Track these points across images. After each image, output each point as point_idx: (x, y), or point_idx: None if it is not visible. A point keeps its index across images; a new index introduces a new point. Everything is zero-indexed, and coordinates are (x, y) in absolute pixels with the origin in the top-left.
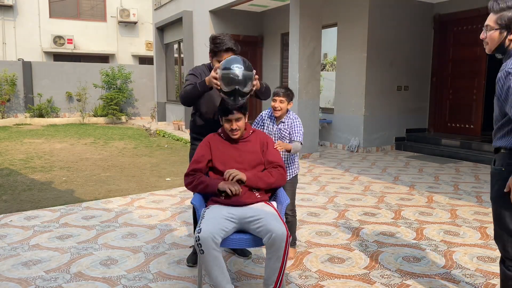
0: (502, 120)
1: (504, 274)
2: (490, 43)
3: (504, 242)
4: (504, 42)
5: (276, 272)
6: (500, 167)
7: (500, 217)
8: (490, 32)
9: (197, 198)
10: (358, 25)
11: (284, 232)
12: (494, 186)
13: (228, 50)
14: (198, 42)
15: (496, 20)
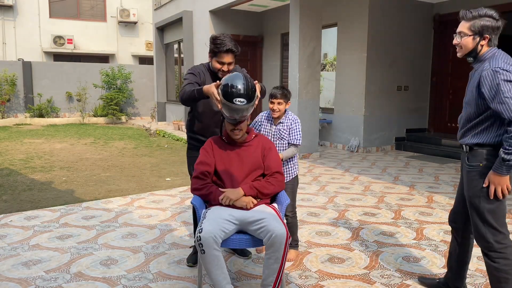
0: (478, 118)
1: (492, 266)
2: (464, 48)
3: (486, 235)
4: (477, 47)
5: (274, 273)
6: (478, 163)
7: (481, 212)
8: (464, 38)
9: (197, 198)
10: (358, 25)
11: (284, 233)
12: (473, 182)
13: (228, 52)
14: (198, 42)
15: (470, 27)
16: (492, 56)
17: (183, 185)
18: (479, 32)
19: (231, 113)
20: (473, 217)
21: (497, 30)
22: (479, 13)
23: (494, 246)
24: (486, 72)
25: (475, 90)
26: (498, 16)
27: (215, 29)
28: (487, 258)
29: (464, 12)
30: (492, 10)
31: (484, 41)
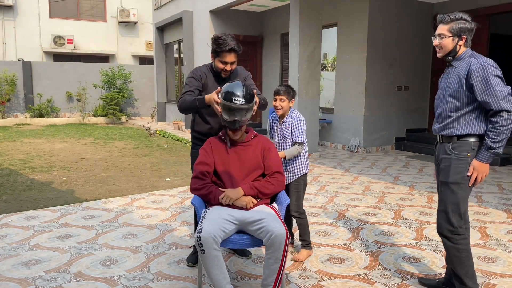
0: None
1: (454, 248)
2: (444, 49)
3: (452, 220)
4: (455, 48)
5: (274, 273)
6: (465, 153)
7: (456, 199)
8: (444, 39)
9: (197, 198)
10: (358, 25)
11: (283, 233)
12: (456, 169)
13: (231, 51)
14: (198, 42)
15: (449, 29)
16: (472, 54)
17: (183, 185)
18: (457, 33)
19: (230, 113)
20: (445, 203)
21: (472, 31)
22: (456, 16)
23: (458, 230)
24: (476, 67)
25: (464, 84)
26: (471, 19)
27: (215, 29)
28: (450, 241)
29: (442, 16)
30: (466, 14)
31: (462, 42)
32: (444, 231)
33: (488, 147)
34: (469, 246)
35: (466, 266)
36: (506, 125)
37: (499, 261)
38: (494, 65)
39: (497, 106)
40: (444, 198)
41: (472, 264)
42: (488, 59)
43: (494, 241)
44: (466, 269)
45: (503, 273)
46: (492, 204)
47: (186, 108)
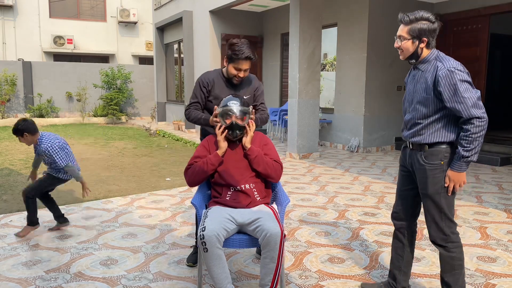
0: (433, 117)
1: (449, 256)
2: (405, 51)
3: (444, 229)
4: (417, 50)
5: (271, 273)
6: (438, 161)
7: (441, 208)
8: (403, 41)
9: (197, 198)
10: (358, 25)
11: (278, 232)
12: (434, 180)
13: (247, 59)
14: (198, 42)
15: (408, 31)
16: (438, 57)
17: (183, 185)
18: (417, 35)
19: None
20: (431, 213)
21: (434, 32)
22: (416, 16)
23: (451, 237)
24: (442, 72)
25: (431, 91)
26: (434, 19)
27: (215, 29)
28: (444, 250)
29: (402, 16)
30: (429, 13)
31: (423, 44)
32: (437, 240)
33: (460, 156)
34: (463, 255)
35: (457, 274)
36: (478, 132)
37: (499, 261)
38: (462, 69)
39: (468, 113)
40: (429, 209)
41: (463, 273)
42: (455, 63)
43: (494, 241)
44: (457, 277)
45: (503, 273)
46: (492, 204)
47: (194, 122)
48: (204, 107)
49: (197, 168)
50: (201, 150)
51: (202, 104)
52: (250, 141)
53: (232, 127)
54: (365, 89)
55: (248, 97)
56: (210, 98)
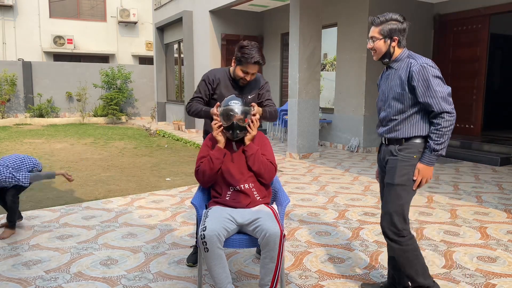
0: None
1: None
2: (378, 51)
3: (396, 222)
4: (389, 49)
5: (271, 273)
6: (412, 155)
7: (401, 202)
8: (376, 41)
9: (197, 198)
10: (358, 25)
11: (277, 232)
12: (402, 171)
13: (256, 64)
14: (198, 42)
15: (380, 32)
16: (410, 55)
17: (183, 185)
18: (388, 35)
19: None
20: (389, 205)
21: (404, 31)
22: (386, 18)
23: (402, 232)
24: (416, 68)
25: (406, 86)
26: (403, 19)
27: (215, 29)
28: (395, 244)
29: (373, 18)
30: (397, 14)
31: (394, 43)
32: (389, 234)
33: (431, 149)
34: (416, 244)
35: (415, 264)
36: (447, 126)
37: (499, 261)
38: (433, 65)
39: (438, 107)
40: (388, 200)
41: (422, 262)
42: (427, 59)
43: (494, 241)
44: (415, 267)
45: (503, 273)
46: (492, 204)
47: (194, 114)
48: (206, 103)
49: (205, 167)
50: (204, 149)
51: (205, 100)
52: (251, 139)
53: (232, 127)
54: (365, 89)
55: (252, 96)
56: (215, 96)
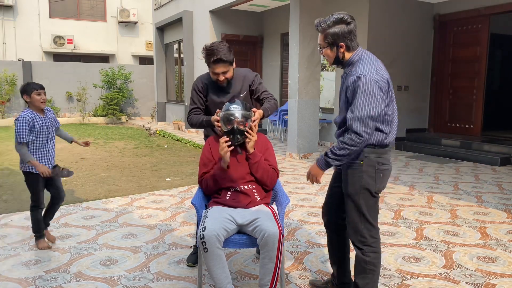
0: None
1: (363, 260)
2: (328, 59)
3: (362, 231)
4: (338, 55)
5: (270, 273)
6: (359, 161)
7: (360, 208)
8: (323, 49)
9: (197, 198)
10: (358, 25)
11: (276, 232)
12: (353, 179)
13: (218, 62)
14: (198, 42)
15: (324, 39)
16: (358, 60)
17: (183, 185)
18: (332, 42)
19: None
20: (351, 213)
21: (350, 34)
22: (328, 23)
23: (368, 240)
24: (351, 79)
25: (344, 95)
26: (350, 19)
27: (215, 29)
28: (360, 252)
29: (317, 24)
30: (342, 13)
31: (342, 49)
32: (355, 241)
33: (325, 153)
34: (377, 261)
35: (368, 279)
36: (350, 145)
37: (499, 261)
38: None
39: (350, 124)
40: (348, 210)
41: (375, 280)
42: (368, 70)
43: (494, 241)
44: (366, 281)
45: (503, 273)
46: (492, 204)
47: (197, 126)
48: (205, 111)
49: (209, 183)
50: (205, 157)
51: (202, 108)
52: (253, 145)
53: (233, 132)
54: None
55: (245, 94)
56: (207, 103)
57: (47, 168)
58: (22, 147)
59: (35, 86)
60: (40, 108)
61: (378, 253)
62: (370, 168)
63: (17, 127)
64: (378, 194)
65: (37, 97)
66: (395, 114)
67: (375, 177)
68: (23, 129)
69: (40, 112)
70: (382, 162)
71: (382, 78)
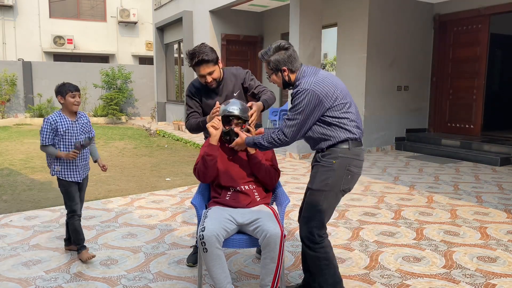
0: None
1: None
2: (277, 84)
3: (312, 228)
4: (284, 80)
5: (271, 273)
6: (331, 160)
7: (319, 207)
8: (271, 76)
9: (197, 198)
10: (358, 25)
11: (278, 232)
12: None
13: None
14: (198, 42)
15: (268, 67)
16: (302, 76)
17: (183, 185)
18: (275, 68)
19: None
20: (307, 209)
21: (290, 58)
22: (268, 53)
23: (316, 239)
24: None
25: None
26: (288, 44)
27: (215, 29)
28: (309, 249)
29: (260, 56)
30: (280, 41)
31: (286, 72)
32: (304, 238)
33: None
34: (330, 254)
35: (325, 274)
36: (277, 143)
37: (499, 261)
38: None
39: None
40: (307, 205)
41: (333, 273)
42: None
43: (494, 241)
44: (325, 277)
45: (503, 273)
46: (492, 204)
47: (195, 130)
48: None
49: (200, 167)
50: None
51: (199, 111)
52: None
53: (229, 133)
54: (365, 89)
55: (238, 93)
56: (203, 106)
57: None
58: (46, 148)
59: (70, 87)
60: (72, 111)
61: (327, 247)
62: (341, 168)
63: (41, 129)
64: (342, 194)
65: (71, 99)
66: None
67: (343, 177)
68: (46, 131)
69: (71, 116)
70: (355, 164)
71: (323, 86)
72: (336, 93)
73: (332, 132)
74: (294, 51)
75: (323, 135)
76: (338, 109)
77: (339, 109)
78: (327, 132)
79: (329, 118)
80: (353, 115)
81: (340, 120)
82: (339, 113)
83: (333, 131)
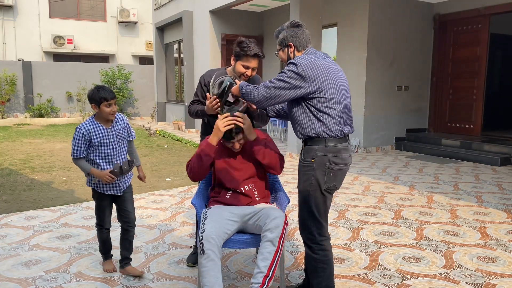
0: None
1: (312, 257)
2: (282, 59)
3: (311, 228)
4: (289, 56)
5: (269, 258)
6: (310, 159)
7: (310, 205)
8: (278, 53)
9: (197, 198)
10: (358, 25)
11: (282, 215)
12: (304, 176)
13: (255, 56)
14: (198, 42)
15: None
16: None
17: (183, 185)
18: (283, 44)
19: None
20: (301, 210)
21: (295, 35)
22: (279, 30)
23: (316, 238)
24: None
25: None
26: (300, 23)
27: (215, 29)
28: (309, 250)
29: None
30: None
31: (291, 48)
32: (305, 239)
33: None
34: (328, 258)
35: (320, 277)
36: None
37: (499, 261)
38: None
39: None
40: (299, 206)
41: (327, 277)
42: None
43: (494, 241)
44: (319, 279)
45: (503, 273)
46: (492, 204)
47: (194, 115)
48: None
49: (194, 165)
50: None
51: (203, 101)
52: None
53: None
54: (365, 89)
55: None
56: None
57: (106, 173)
58: (78, 161)
59: (105, 95)
60: (107, 120)
61: (327, 251)
62: (320, 166)
63: (72, 139)
64: (328, 192)
65: (106, 109)
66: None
67: (325, 175)
68: (77, 143)
69: (105, 123)
70: (334, 161)
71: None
72: (325, 84)
73: (309, 121)
74: (304, 30)
75: (301, 122)
76: (321, 101)
77: (322, 101)
78: (304, 120)
79: (311, 107)
80: (335, 112)
81: (320, 113)
82: (321, 105)
83: (310, 120)
